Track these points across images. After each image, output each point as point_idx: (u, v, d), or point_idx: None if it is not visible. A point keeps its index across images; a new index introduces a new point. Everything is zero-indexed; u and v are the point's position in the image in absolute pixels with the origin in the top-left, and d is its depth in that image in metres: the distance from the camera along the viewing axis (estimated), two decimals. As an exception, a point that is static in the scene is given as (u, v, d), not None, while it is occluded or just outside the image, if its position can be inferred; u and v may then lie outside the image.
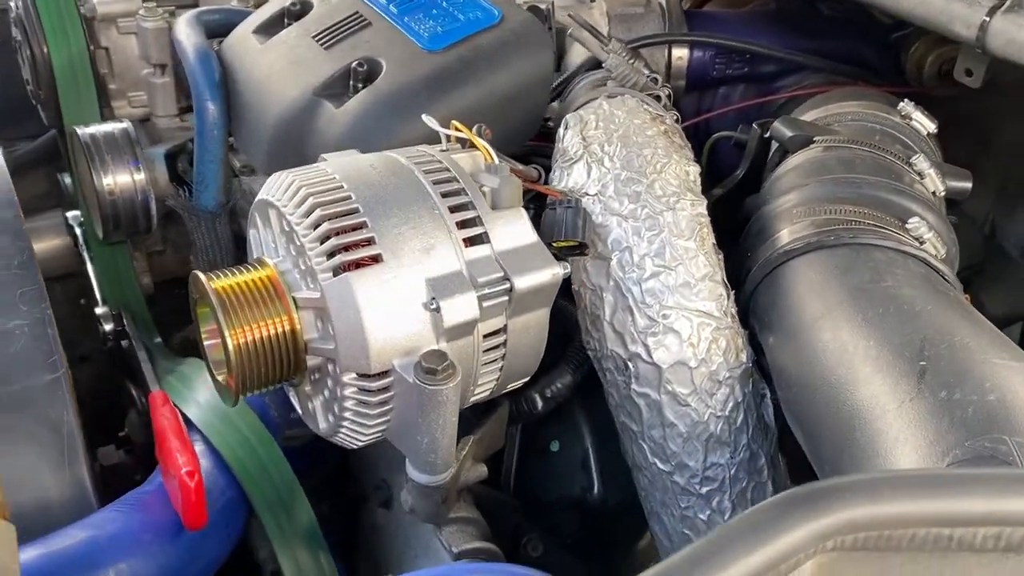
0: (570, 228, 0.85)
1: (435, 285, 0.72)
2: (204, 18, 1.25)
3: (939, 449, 0.64)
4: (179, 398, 0.91)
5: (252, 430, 0.89)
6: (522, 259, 0.77)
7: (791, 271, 0.85)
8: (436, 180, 0.78)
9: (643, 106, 0.98)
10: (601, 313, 0.88)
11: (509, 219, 0.79)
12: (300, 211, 0.74)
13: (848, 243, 0.83)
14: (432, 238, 0.74)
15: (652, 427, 0.87)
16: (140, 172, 1.18)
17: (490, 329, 0.77)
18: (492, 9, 1.08)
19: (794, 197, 0.92)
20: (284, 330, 0.74)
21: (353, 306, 0.70)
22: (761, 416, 0.89)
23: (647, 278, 0.85)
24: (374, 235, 0.72)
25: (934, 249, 0.85)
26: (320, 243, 0.72)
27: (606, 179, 0.89)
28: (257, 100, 1.12)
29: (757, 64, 1.39)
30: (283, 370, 0.76)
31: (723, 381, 0.85)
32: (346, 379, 0.73)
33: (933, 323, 0.73)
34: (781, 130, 1.01)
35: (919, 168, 0.94)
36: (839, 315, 0.77)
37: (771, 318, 0.85)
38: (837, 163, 0.93)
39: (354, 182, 0.76)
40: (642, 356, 0.85)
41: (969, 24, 0.89)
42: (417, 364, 0.70)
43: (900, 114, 1.04)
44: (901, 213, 0.87)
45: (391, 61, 1.05)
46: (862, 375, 0.72)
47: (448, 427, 0.72)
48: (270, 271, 0.76)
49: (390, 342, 0.72)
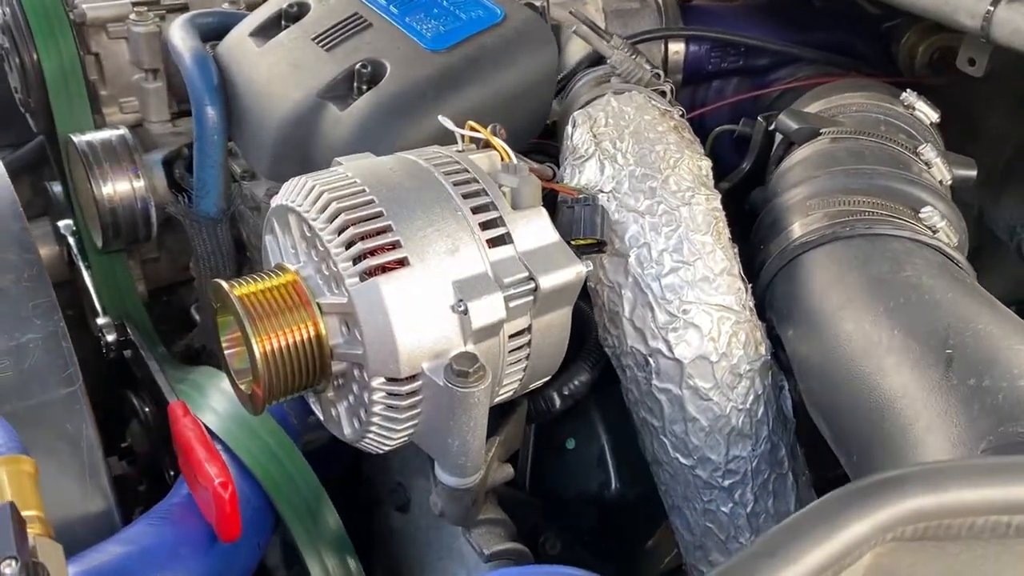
0: (588, 225, 0.85)
1: (462, 287, 0.72)
2: (198, 21, 1.24)
3: (972, 436, 0.64)
4: (195, 407, 0.90)
5: (274, 437, 0.88)
6: (545, 258, 0.77)
7: (808, 263, 0.86)
8: (456, 181, 0.78)
9: (651, 102, 0.98)
10: (620, 310, 0.88)
11: (531, 218, 0.78)
12: (324, 216, 0.73)
13: (864, 234, 0.84)
14: (456, 239, 0.74)
15: (674, 422, 0.87)
16: (139, 179, 1.16)
17: (515, 329, 0.77)
18: (494, 8, 1.08)
19: (805, 189, 0.93)
20: (310, 336, 0.74)
21: (382, 311, 0.70)
22: (780, 408, 0.89)
23: (666, 274, 0.85)
24: (400, 238, 0.72)
25: (947, 237, 0.86)
26: (346, 248, 0.72)
27: (620, 176, 0.90)
28: (258, 104, 1.11)
29: (751, 57, 1.39)
30: (309, 376, 0.75)
31: (744, 374, 0.86)
32: (375, 384, 0.72)
33: (955, 311, 0.74)
34: (787, 123, 1.02)
35: (926, 157, 0.95)
36: (860, 306, 0.78)
37: (790, 310, 0.85)
38: (846, 154, 0.94)
39: (375, 185, 0.75)
40: (663, 352, 0.85)
41: (974, 14, 0.91)
42: (448, 367, 0.70)
43: (903, 104, 1.06)
44: (913, 202, 0.88)
45: (395, 62, 1.04)
46: (888, 365, 0.73)
47: (479, 429, 0.72)
48: (292, 277, 0.76)
49: (419, 346, 0.71)
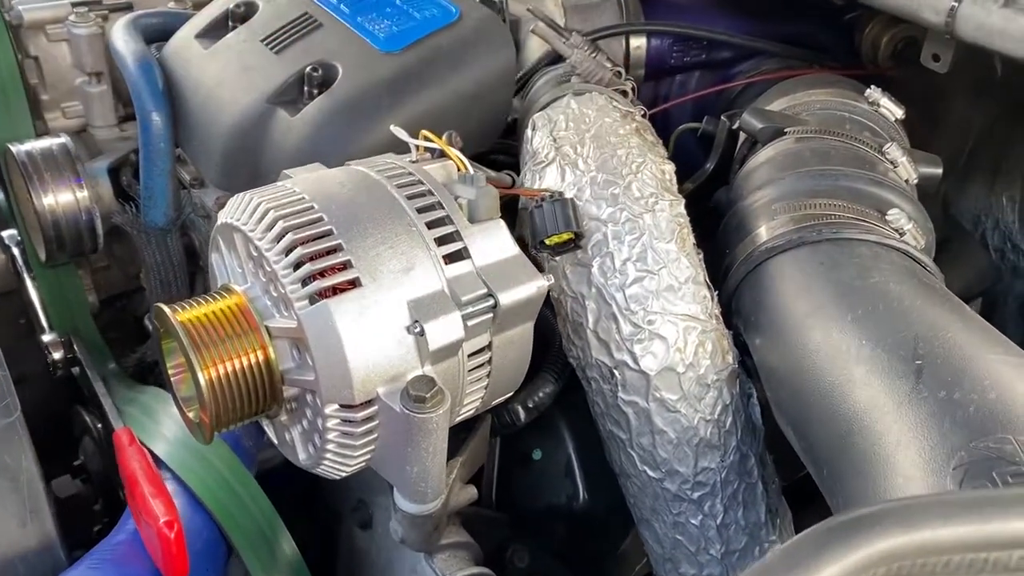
0: (561, 220, 0.83)
1: (417, 307, 0.69)
2: (142, 22, 1.19)
3: (943, 451, 0.63)
4: (144, 433, 0.86)
5: (226, 463, 0.85)
6: (505, 273, 0.74)
7: (774, 269, 0.84)
8: (410, 195, 0.74)
9: (612, 103, 0.95)
10: (584, 321, 0.85)
11: (488, 232, 0.75)
12: (270, 236, 0.70)
13: (831, 238, 0.82)
14: (411, 257, 0.71)
15: (641, 435, 0.85)
16: (83, 189, 1.11)
17: (475, 347, 0.74)
18: (449, 6, 1.05)
19: (771, 192, 0.90)
20: (259, 362, 0.70)
21: (333, 335, 0.67)
22: (749, 416, 0.88)
23: (630, 283, 0.83)
24: (350, 258, 0.69)
25: (914, 240, 0.85)
26: (293, 269, 0.68)
27: (582, 182, 0.87)
28: (206, 110, 1.07)
29: (714, 50, 1.37)
30: (260, 403, 0.72)
31: (711, 384, 0.84)
32: (328, 411, 0.69)
33: (924, 319, 0.72)
34: (751, 122, 1.00)
35: (892, 156, 0.93)
36: (828, 314, 0.76)
37: (757, 318, 0.83)
38: (811, 155, 0.92)
39: (324, 201, 0.72)
40: (628, 364, 0.83)
41: (938, 10, 0.89)
42: (404, 392, 0.67)
43: (868, 100, 1.04)
44: (880, 204, 0.87)
45: (347, 64, 1.00)
46: (857, 376, 0.71)
47: (438, 454, 0.69)
48: (239, 299, 0.72)
49: (373, 370, 0.68)
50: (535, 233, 0.81)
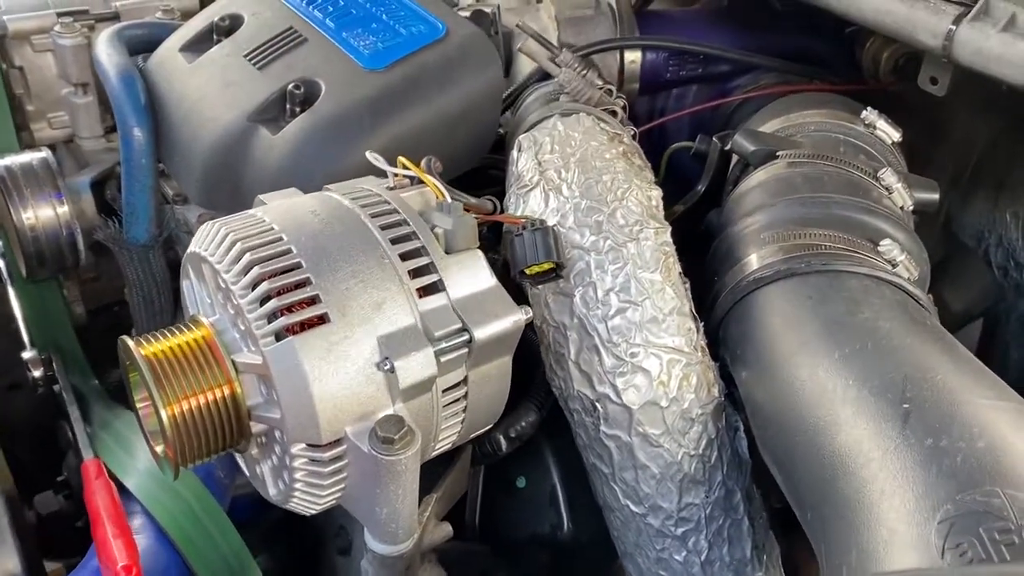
0: (542, 250, 0.80)
1: (388, 343, 0.67)
2: (126, 34, 1.16)
3: (928, 503, 0.60)
4: (115, 463, 0.84)
5: (196, 496, 0.83)
6: (481, 306, 0.72)
7: (762, 300, 0.81)
8: (384, 224, 0.72)
9: (599, 125, 0.93)
10: (566, 352, 0.83)
11: (465, 263, 0.73)
12: (236, 269, 0.68)
13: (820, 270, 0.79)
14: (383, 291, 0.69)
15: (623, 469, 0.82)
16: (63, 205, 1.10)
17: (449, 383, 0.72)
18: (436, 22, 1.02)
19: (761, 218, 0.88)
20: (224, 397, 0.68)
21: (299, 373, 0.65)
22: (735, 450, 0.85)
23: (612, 315, 0.80)
24: (319, 293, 0.67)
25: (907, 271, 0.82)
26: (259, 304, 0.66)
27: (565, 209, 0.85)
28: (187, 126, 1.04)
29: (711, 64, 1.34)
30: (226, 439, 0.70)
31: (695, 419, 0.81)
32: (294, 450, 0.67)
33: (914, 359, 0.70)
34: (743, 144, 0.97)
35: (887, 182, 0.91)
36: (815, 351, 0.74)
37: (743, 351, 0.81)
38: (803, 181, 0.90)
39: (294, 232, 0.69)
40: (611, 397, 0.80)
41: (935, 33, 0.86)
42: (372, 432, 0.65)
43: (864, 123, 1.01)
44: (872, 234, 0.84)
45: (330, 82, 0.98)
46: (843, 417, 0.69)
47: (409, 496, 0.67)
48: (206, 332, 0.70)
49: (341, 409, 0.66)
50: (515, 262, 0.79)
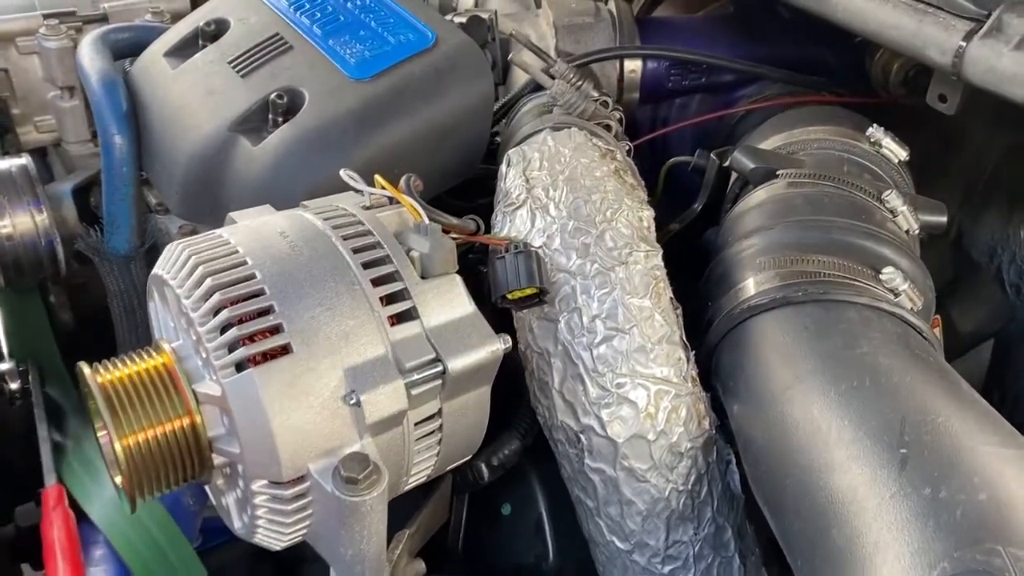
0: (524, 275, 0.77)
1: (355, 376, 0.63)
2: (111, 38, 1.13)
3: (925, 560, 0.56)
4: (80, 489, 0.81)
5: (161, 527, 0.80)
6: (457, 335, 0.68)
7: (756, 330, 0.77)
8: (357, 247, 0.69)
9: (591, 140, 0.89)
10: (549, 380, 0.79)
11: (441, 288, 0.70)
12: (197, 294, 0.64)
13: (818, 299, 0.75)
14: (351, 319, 0.65)
15: (608, 504, 0.79)
16: (43, 213, 1.07)
17: (422, 416, 0.68)
18: (425, 31, 0.99)
19: (758, 242, 0.84)
20: (184, 428, 0.65)
21: (258, 408, 0.61)
22: (727, 485, 0.81)
23: (598, 343, 0.76)
24: (282, 322, 0.63)
25: (910, 301, 0.78)
26: (220, 332, 0.63)
27: (551, 229, 0.81)
28: (169, 135, 1.01)
29: (715, 74, 1.30)
30: (185, 471, 0.66)
31: (684, 453, 0.77)
32: (255, 487, 0.64)
33: (913, 400, 0.66)
34: (742, 161, 0.93)
35: (891, 205, 0.86)
36: (810, 387, 0.70)
37: (735, 383, 0.77)
38: (804, 202, 0.86)
39: (260, 256, 0.66)
40: (595, 429, 0.77)
41: (944, 49, 0.82)
42: (335, 471, 0.61)
43: (869, 140, 0.97)
44: (874, 261, 0.80)
45: (314, 92, 0.95)
46: (837, 460, 0.65)
47: (375, 537, 0.64)
48: (166, 359, 0.67)
49: (304, 445, 0.62)
50: (496, 287, 0.76)
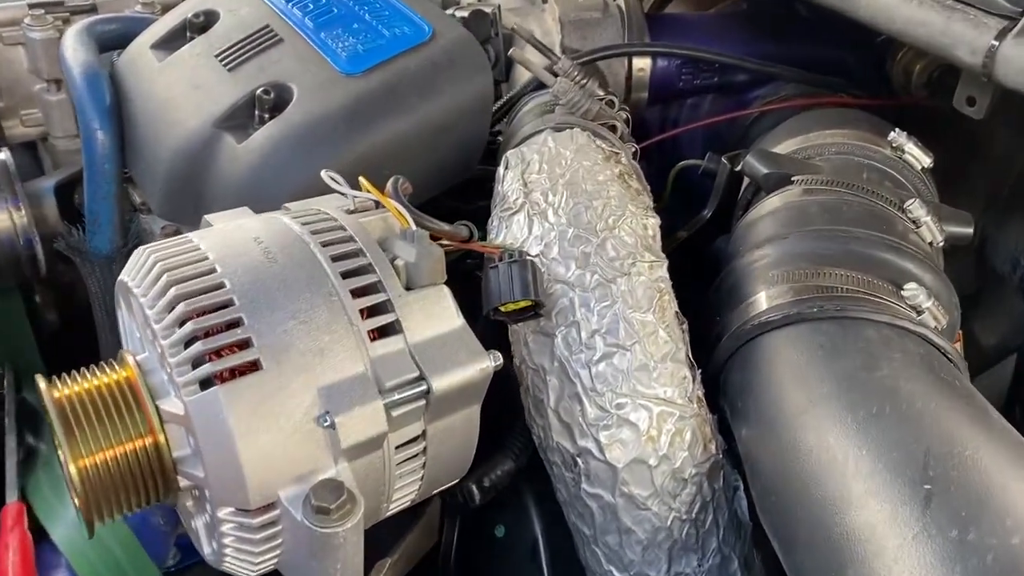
0: (518, 287, 0.71)
1: (330, 395, 0.58)
2: (97, 29, 1.09)
3: (952, 611, 0.51)
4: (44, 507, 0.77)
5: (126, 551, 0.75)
6: (443, 351, 0.63)
7: (768, 347, 0.72)
8: (336, 255, 0.64)
9: (594, 142, 0.84)
10: (545, 399, 0.74)
11: (428, 300, 0.65)
12: (161, 304, 0.59)
13: (834, 316, 0.70)
14: (327, 334, 0.60)
15: (606, 532, 0.73)
16: (21, 211, 1.02)
17: (404, 438, 0.63)
18: (422, 24, 0.94)
19: (771, 252, 0.79)
20: (145, 448, 0.60)
21: (223, 429, 0.56)
22: (734, 512, 0.76)
23: (597, 360, 0.71)
24: (251, 336, 0.58)
25: (934, 320, 0.73)
26: (184, 346, 0.58)
27: (550, 237, 0.76)
28: (152, 131, 0.97)
29: (728, 73, 1.25)
30: (147, 494, 0.62)
31: (688, 479, 0.72)
32: (221, 514, 0.59)
33: (939, 429, 0.60)
34: (755, 166, 0.88)
35: (914, 215, 0.81)
36: (825, 412, 0.64)
37: (744, 405, 0.72)
38: (820, 211, 0.80)
39: (231, 264, 0.61)
40: (593, 453, 0.71)
41: (974, 49, 0.76)
42: (306, 500, 0.56)
43: (891, 145, 0.91)
44: (895, 275, 0.74)
45: (303, 87, 0.90)
46: (855, 495, 0.60)
47: (350, 569, 0.59)
48: (129, 373, 0.62)
49: (274, 470, 0.57)
50: (488, 298, 0.70)
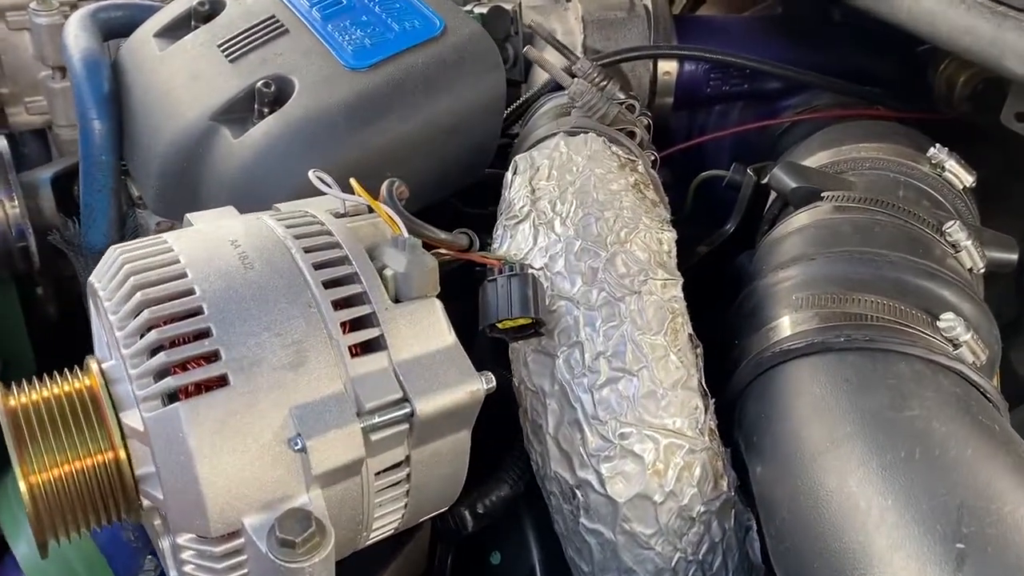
0: (517, 303, 0.66)
1: (303, 416, 0.53)
2: (102, 16, 1.05)
3: None
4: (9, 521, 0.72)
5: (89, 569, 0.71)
6: (430, 371, 0.58)
7: (788, 378, 0.66)
8: (319, 262, 0.59)
9: (609, 148, 0.78)
10: (544, 424, 0.69)
11: (416, 315, 0.59)
12: (125, 310, 0.55)
13: (863, 347, 0.64)
14: (304, 348, 0.55)
15: (605, 570, 0.68)
16: (13, 202, 0.99)
17: (385, 464, 0.58)
18: (433, 18, 0.89)
19: (796, 274, 0.73)
20: (105, 464, 0.56)
21: (183, 450, 0.51)
22: (744, 554, 0.70)
23: (601, 385, 0.66)
24: (219, 348, 0.53)
25: (972, 354, 0.66)
26: (147, 356, 0.53)
27: (555, 249, 0.70)
28: (151, 122, 0.92)
29: (758, 80, 1.19)
30: (107, 513, 0.57)
31: (696, 518, 0.66)
32: (180, 540, 0.54)
33: (975, 480, 0.54)
34: (782, 179, 0.82)
35: (953, 238, 0.75)
36: (848, 453, 0.59)
37: (760, 440, 0.66)
38: (852, 230, 0.74)
39: (203, 268, 0.56)
40: (593, 485, 0.66)
41: (1026, 59, 0.70)
42: (271, 531, 0.51)
43: (930, 162, 0.85)
44: (931, 304, 0.68)
45: (305, 81, 0.85)
46: (877, 548, 0.54)
47: (317, 606, 0.54)
48: (92, 382, 0.57)
49: (238, 495, 0.53)
50: (484, 313, 0.65)
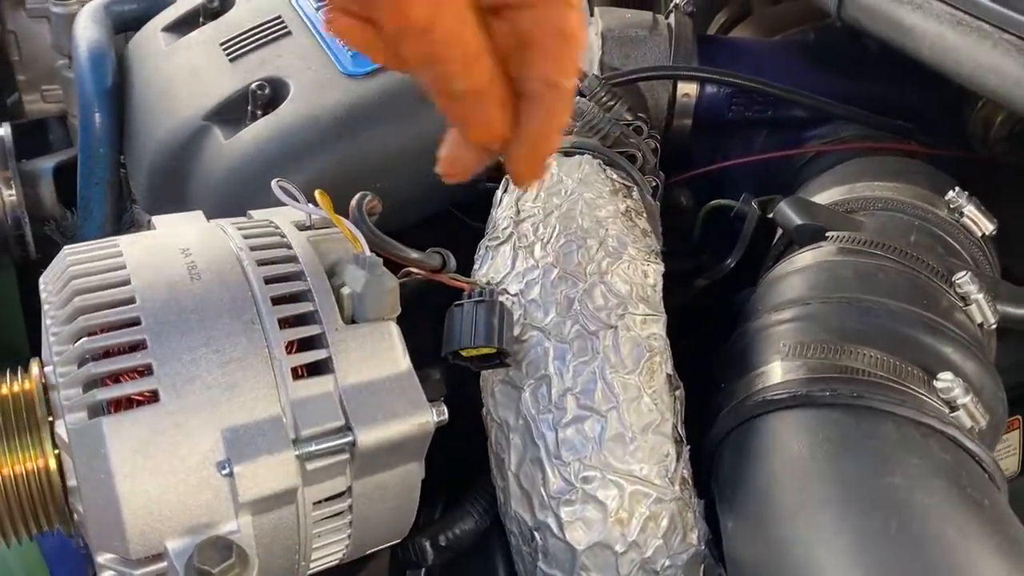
0: (481, 331, 0.62)
1: (233, 440, 0.51)
2: (115, 8, 1.05)
3: None
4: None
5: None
6: (377, 398, 0.55)
7: (767, 430, 0.62)
8: (271, 276, 0.56)
9: (603, 172, 0.75)
10: (507, 459, 0.65)
11: (369, 338, 0.56)
12: (62, 315, 0.53)
13: (848, 404, 0.59)
14: (242, 367, 0.52)
15: (561, 619, 0.64)
16: (11, 189, 0.98)
17: (324, 495, 0.55)
18: (437, 27, 0.86)
19: (790, 317, 0.68)
20: (36, 472, 0.54)
21: (104, 466, 0.49)
22: (713, 613, 0.66)
23: (566, 423, 0.62)
24: (152, 361, 0.51)
25: (970, 419, 0.61)
26: (76, 365, 0.51)
27: (532, 275, 0.67)
28: (149, 118, 0.91)
29: (783, 107, 1.14)
30: (37, 522, 0.55)
31: (660, 571, 0.62)
32: (100, 559, 0.52)
33: (953, 561, 0.50)
34: (787, 215, 0.78)
35: (964, 290, 0.70)
36: (818, 520, 0.54)
37: (734, 494, 0.62)
38: (853, 275, 0.70)
39: (146, 276, 0.54)
40: (552, 529, 0.62)
41: (1055, 104, 0.65)
42: (189, 560, 0.49)
43: (949, 206, 0.80)
44: (930, 361, 0.63)
45: (300, 85, 0.83)
46: (842, 628, 0.49)
47: (237, 642, 0.51)
48: (30, 386, 0.55)
49: (160, 518, 0.50)
50: (447, 339, 0.62)
